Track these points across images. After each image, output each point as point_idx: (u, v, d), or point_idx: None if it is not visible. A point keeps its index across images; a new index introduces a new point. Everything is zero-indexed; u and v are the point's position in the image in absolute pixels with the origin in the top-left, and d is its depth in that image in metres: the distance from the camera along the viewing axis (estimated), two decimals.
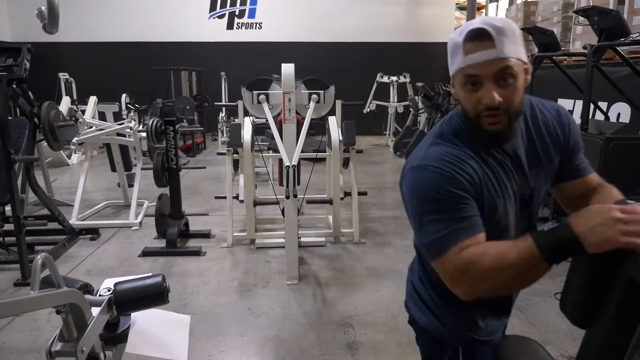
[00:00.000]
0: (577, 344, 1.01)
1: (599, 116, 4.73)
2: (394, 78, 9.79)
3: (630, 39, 3.32)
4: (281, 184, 5.44)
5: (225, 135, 9.64)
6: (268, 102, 3.57)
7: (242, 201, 4.49)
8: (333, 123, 4.33)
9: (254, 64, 10.13)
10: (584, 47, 3.52)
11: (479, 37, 1.02)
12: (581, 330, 1.02)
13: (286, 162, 3.23)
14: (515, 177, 1.15)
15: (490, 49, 1.02)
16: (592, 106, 4.55)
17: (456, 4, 12.21)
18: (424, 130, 8.45)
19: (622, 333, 0.95)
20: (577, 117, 5.84)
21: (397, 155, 9.11)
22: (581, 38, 6.62)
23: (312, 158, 4.65)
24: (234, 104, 4.85)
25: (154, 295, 1.20)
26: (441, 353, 1.31)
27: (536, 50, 4.74)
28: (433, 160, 1.09)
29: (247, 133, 4.18)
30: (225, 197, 4.53)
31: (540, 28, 4.54)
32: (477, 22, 1.05)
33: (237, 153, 4.53)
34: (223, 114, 9.48)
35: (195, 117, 9.26)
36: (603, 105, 4.92)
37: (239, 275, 3.72)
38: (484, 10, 12.76)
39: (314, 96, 3.55)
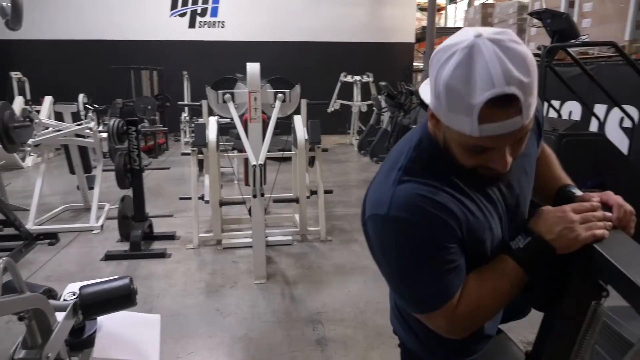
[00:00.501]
0: (535, 330, 1.07)
1: (553, 114, 4.94)
2: (358, 77, 9.89)
3: (580, 40, 3.49)
4: (247, 184, 5.42)
5: (188, 136, 9.50)
6: (234, 102, 3.55)
7: (207, 202, 4.45)
8: (299, 122, 4.35)
9: (217, 64, 10.01)
10: (538, 48, 3.67)
11: (504, 104, 0.77)
12: (538, 319, 1.08)
13: (253, 161, 3.23)
14: (498, 194, 1.02)
15: (516, 117, 0.78)
16: (546, 104, 4.75)
17: (417, 5, 12.44)
18: (387, 128, 8.59)
19: (577, 315, 1.01)
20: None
21: (361, 154, 9.22)
22: (535, 39, 6.89)
23: (278, 157, 4.65)
24: (198, 103, 4.79)
25: (121, 298, 1.18)
26: None
27: None
28: (407, 207, 0.90)
29: (212, 133, 4.15)
30: (190, 198, 4.48)
31: (555, 12, 4.65)
32: (497, 75, 0.75)
33: (202, 153, 4.49)
34: (186, 114, 9.32)
35: (157, 118, 9.07)
36: (556, 103, 5.15)
37: (205, 277, 3.69)
38: (443, 12, 13.06)
39: (279, 95, 3.56)
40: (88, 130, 4.78)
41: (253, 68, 3.45)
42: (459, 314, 0.95)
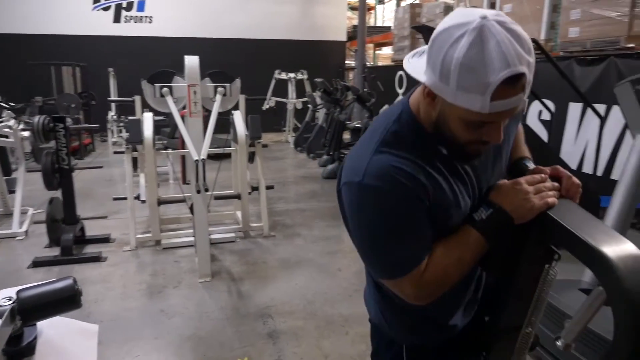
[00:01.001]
0: None
1: None
2: (292, 75, 9.91)
3: None
4: (185, 182, 5.29)
5: (116, 135, 9.04)
6: (172, 96, 3.43)
7: (144, 201, 4.28)
8: (238, 117, 4.29)
9: (145, 60, 9.60)
10: None
11: (515, 82, 0.82)
12: None
13: (195, 157, 3.14)
14: (472, 177, 1.05)
15: (520, 94, 0.84)
16: None
17: (348, 4, 12.66)
18: (323, 125, 8.68)
19: (532, 278, 1.10)
20: None
21: (297, 150, 9.24)
22: None
23: (217, 155, 4.55)
24: (131, 99, 4.58)
25: (65, 300, 1.10)
26: (388, 348, 1.28)
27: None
28: (380, 177, 0.94)
29: (147, 129, 3.99)
30: (125, 198, 4.29)
31: (429, 27, 4.88)
32: (511, 54, 0.80)
33: (136, 151, 4.30)
34: (113, 113, 8.86)
35: (82, 116, 8.56)
36: None
37: (146, 278, 3.55)
38: (373, 11, 13.39)
39: (220, 89, 3.49)
40: (7, 130, 4.43)
41: (192, 61, 3.36)
42: (425, 280, 0.99)
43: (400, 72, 8.98)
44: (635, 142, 2.46)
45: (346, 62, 12.92)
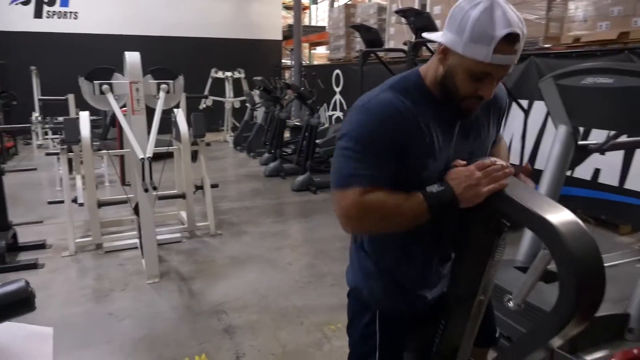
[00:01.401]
0: None
1: None
2: (229, 73, 9.81)
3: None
4: (124, 184, 5.11)
5: (41, 138, 8.52)
6: (112, 93, 3.32)
7: (81, 204, 4.10)
8: (181, 115, 4.22)
9: (72, 58, 9.11)
10: (405, 44, 4.07)
11: (514, 42, 1.04)
12: None
13: (140, 155, 3.07)
14: (454, 140, 1.21)
15: (514, 55, 1.06)
16: None
17: (282, 3, 12.71)
18: (262, 124, 8.69)
19: (485, 248, 1.23)
20: None
21: (237, 150, 9.18)
22: (394, 38, 7.56)
23: (159, 155, 4.44)
24: (64, 97, 4.36)
25: (18, 303, 1.08)
26: (362, 314, 1.38)
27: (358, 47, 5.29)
28: (378, 105, 1.14)
29: (85, 129, 3.83)
30: (62, 202, 4.09)
31: (366, 26, 5.07)
32: (511, 19, 1.03)
33: (72, 152, 4.12)
34: (37, 114, 8.34)
35: (1, 117, 7.99)
36: None
37: (90, 282, 3.42)
38: (307, 11, 13.52)
39: (163, 86, 3.43)
40: None
41: (133, 57, 3.28)
42: (361, 203, 1.13)
43: (337, 71, 9.18)
44: (558, 132, 2.72)
45: (282, 61, 12.96)
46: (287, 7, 13.38)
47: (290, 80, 10.83)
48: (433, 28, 3.98)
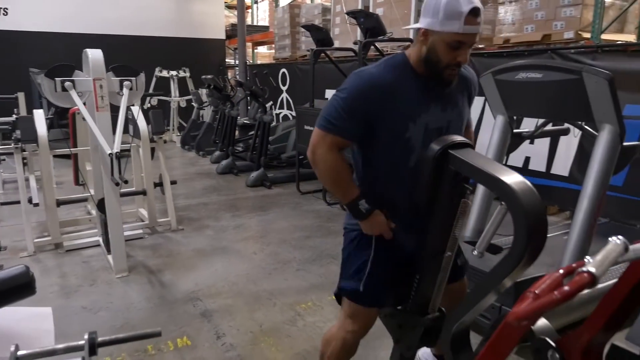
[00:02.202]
0: None
1: None
2: (174, 72, 9.73)
3: (387, 37, 4.27)
4: (77, 184, 5.04)
5: None
6: (75, 90, 3.32)
7: (36, 204, 4.04)
8: (139, 113, 4.25)
9: (1, 57, 8.70)
10: (355, 43, 4.34)
11: (476, 15, 1.39)
12: None
13: (108, 150, 3.13)
14: (434, 110, 1.53)
15: (478, 26, 1.41)
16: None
17: (225, 2, 12.69)
18: (212, 123, 8.72)
19: (452, 209, 1.49)
20: None
21: (185, 149, 9.14)
22: (339, 38, 7.85)
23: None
24: (13, 96, 4.26)
25: (19, 287, 1.14)
26: (350, 237, 1.73)
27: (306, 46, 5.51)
28: (366, 76, 1.51)
29: (41, 127, 3.79)
30: (16, 203, 4.02)
31: (316, 26, 5.31)
32: (473, 1, 1.39)
33: (25, 151, 4.04)
34: None
35: None
36: None
37: (57, 280, 3.42)
38: (250, 10, 13.57)
39: (126, 83, 3.47)
40: None
41: (96, 54, 3.32)
42: (329, 145, 1.53)
43: (283, 70, 9.36)
44: (496, 121, 3.10)
45: (227, 60, 12.95)
46: (229, 7, 13.37)
47: (234, 79, 10.86)
48: (381, 28, 4.29)
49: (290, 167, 6.96)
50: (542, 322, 1.41)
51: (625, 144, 2.56)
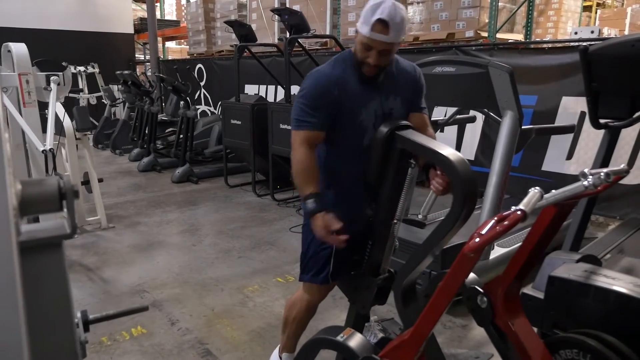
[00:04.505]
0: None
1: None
2: (81, 68, 9.23)
3: (311, 33, 4.52)
4: None
5: None
6: None
7: None
8: (61, 109, 4.10)
9: None
10: (280, 39, 4.54)
11: (383, 25, 1.59)
12: None
13: (40, 147, 3.04)
14: (378, 98, 1.79)
15: (385, 35, 1.61)
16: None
17: None
18: (127, 119, 8.43)
19: (399, 180, 1.77)
20: (270, 97, 7.11)
21: (99, 148, 8.74)
22: (257, 34, 7.97)
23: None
24: None
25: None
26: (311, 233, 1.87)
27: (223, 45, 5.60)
28: (317, 74, 1.75)
29: None
30: None
31: (240, 22, 5.42)
32: (386, 12, 1.58)
33: None
34: None
35: None
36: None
37: None
38: (158, 4, 13.14)
39: (54, 78, 3.37)
40: None
41: (20, 48, 3.20)
42: (297, 140, 1.75)
43: (200, 65, 9.27)
44: None
45: (136, 55, 12.46)
46: (136, 0, 12.85)
47: (142, 75, 10.52)
48: (305, 25, 4.53)
49: (215, 162, 7.00)
50: (471, 276, 1.75)
51: (523, 127, 3.04)
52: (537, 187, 1.22)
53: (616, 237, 3.21)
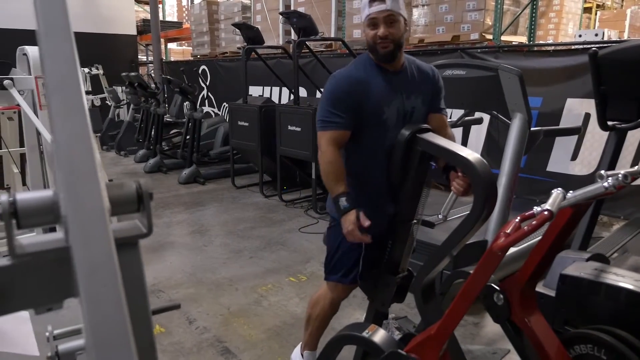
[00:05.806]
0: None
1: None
2: (86, 70, 9.25)
3: (319, 36, 4.58)
4: (2, 187, 4.77)
5: None
6: (15, 88, 3.21)
7: None
8: None
9: None
10: (288, 42, 4.60)
11: None
12: None
13: None
14: (400, 97, 1.84)
15: (382, 4, 1.72)
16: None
17: None
18: (132, 121, 8.48)
19: (419, 183, 1.83)
20: (275, 99, 7.16)
21: (104, 150, 8.78)
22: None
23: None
24: None
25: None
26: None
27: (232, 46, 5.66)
28: (340, 76, 1.85)
29: None
30: None
31: (248, 25, 5.47)
32: None
33: None
34: None
35: None
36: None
37: None
38: (161, 5, 13.20)
39: None
40: None
41: (36, 51, 3.24)
42: (328, 142, 1.81)
43: (203, 67, 9.32)
44: None
45: (139, 56, 12.50)
46: (138, 1, 12.90)
47: (146, 76, 10.57)
48: (313, 28, 4.58)
49: (220, 163, 7.05)
50: None
51: (532, 129, 3.11)
52: (559, 188, 1.28)
53: (622, 236, 3.28)
